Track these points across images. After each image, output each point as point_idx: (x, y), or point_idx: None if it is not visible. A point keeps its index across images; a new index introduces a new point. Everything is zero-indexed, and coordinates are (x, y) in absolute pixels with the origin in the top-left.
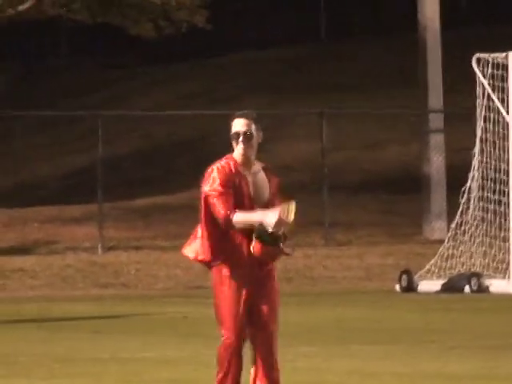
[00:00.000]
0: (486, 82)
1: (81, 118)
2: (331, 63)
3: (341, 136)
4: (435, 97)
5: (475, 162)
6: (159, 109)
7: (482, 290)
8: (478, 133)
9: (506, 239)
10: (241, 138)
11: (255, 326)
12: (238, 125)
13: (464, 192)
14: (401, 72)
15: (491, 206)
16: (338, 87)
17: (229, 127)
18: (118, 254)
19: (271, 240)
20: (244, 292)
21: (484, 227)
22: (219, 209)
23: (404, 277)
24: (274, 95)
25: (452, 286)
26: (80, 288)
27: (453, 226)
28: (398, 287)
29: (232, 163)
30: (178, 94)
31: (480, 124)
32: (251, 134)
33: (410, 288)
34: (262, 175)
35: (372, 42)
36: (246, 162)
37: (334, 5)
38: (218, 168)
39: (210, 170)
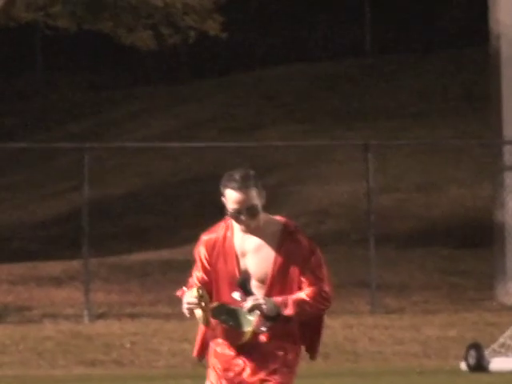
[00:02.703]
0: None
1: (62, 151)
2: (378, 83)
3: (390, 174)
4: (511, 124)
5: None
6: (160, 140)
7: None
8: None
9: None
10: (243, 217)
11: None
12: (235, 201)
13: None
14: (467, 94)
15: None
16: (386, 113)
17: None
18: (108, 324)
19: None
20: None
21: None
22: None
23: (472, 353)
24: (307, 123)
25: None
26: (61, 366)
27: None
28: (464, 366)
29: (223, 230)
30: (184, 122)
31: None
32: (255, 207)
33: (480, 366)
34: (267, 240)
35: (430, 57)
36: (250, 231)
37: (382, 12)
38: (204, 238)
39: (201, 235)
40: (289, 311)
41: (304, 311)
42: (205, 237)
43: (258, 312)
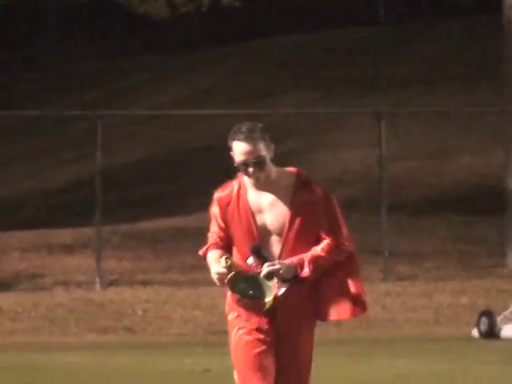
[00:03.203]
0: None
1: (74, 119)
2: (391, 51)
3: (403, 142)
4: None
5: None
6: (172, 108)
7: None
8: None
9: None
10: (250, 169)
11: None
12: (242, 152)
13: None
14: (479, 61)
15: None
16: (399, 80)
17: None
18: (120, 291)
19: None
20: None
21: None
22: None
23: (483, 319)
24: (319, 90)
25: None
26: (73, 333)
27: None
28: (475, 332)
29: (236, 187)
30: (196, 90)
31: None
32: (262, 158)
33: (492, 333)
34: (281, 194)
35: (443, 24)
36: (260, 184)
37: None
38: (217, 196)
39: (215, 193)
40: (305, 272)
41: (320, 267)
42: (217, 194)
43: (275, 277)
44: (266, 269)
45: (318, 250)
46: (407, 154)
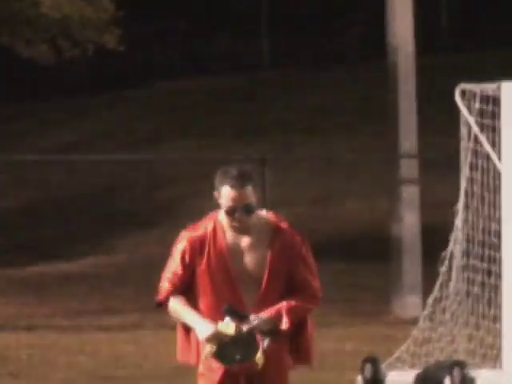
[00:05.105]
0: (472, 120)
1: None
2: (276, 97)
3: (286, 187)
4: (408, 138)
5: (458, 222)
6: (57, 153)
7: (467, 382)
8: (463, 184)
9: (496, 319)
10: (237, 215)
11: None
12: (231, 198)
13: (444, 259)
14: (364, 107)
15: (478, 277)
16: (283, 127)
17: (212, 185)
18: (4, 336)
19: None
20: None
21: (469, 303)
22: (162, 285)
23: (368, 366)
24: (205, 137)
25: (429, 378)
26: None
27: (430, 301)
28: (359, 379)
29: (210, 227)
30: (82, 135)
31: (465, 173)
32: (251, 205)
33: (376, 380)
34: (261, 238)
35: (328, 70)
36: (242, 229)
37: (279, 25)
38: (188, 236)
39: (182, 232)
40: (285, 324)
41: (298, 317)
42: (188, 234)
43: (257, 334)
44: (247, 325)
45: (294, 300)
46: (292, 200)
